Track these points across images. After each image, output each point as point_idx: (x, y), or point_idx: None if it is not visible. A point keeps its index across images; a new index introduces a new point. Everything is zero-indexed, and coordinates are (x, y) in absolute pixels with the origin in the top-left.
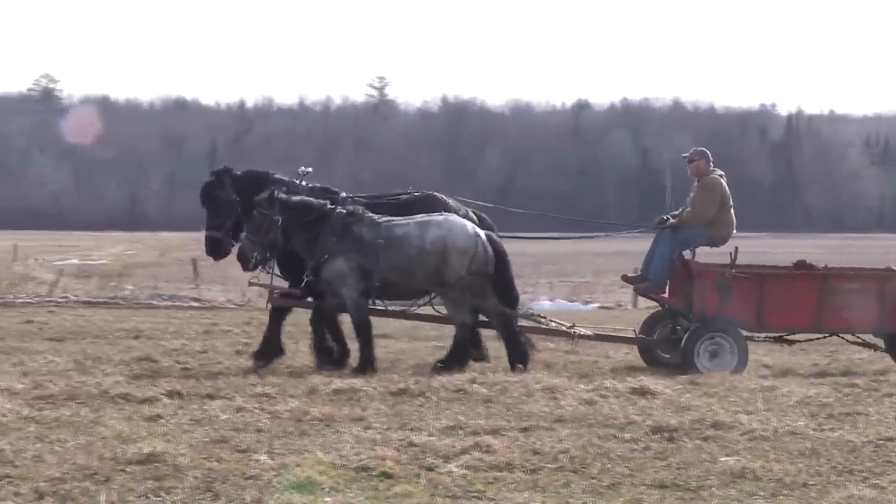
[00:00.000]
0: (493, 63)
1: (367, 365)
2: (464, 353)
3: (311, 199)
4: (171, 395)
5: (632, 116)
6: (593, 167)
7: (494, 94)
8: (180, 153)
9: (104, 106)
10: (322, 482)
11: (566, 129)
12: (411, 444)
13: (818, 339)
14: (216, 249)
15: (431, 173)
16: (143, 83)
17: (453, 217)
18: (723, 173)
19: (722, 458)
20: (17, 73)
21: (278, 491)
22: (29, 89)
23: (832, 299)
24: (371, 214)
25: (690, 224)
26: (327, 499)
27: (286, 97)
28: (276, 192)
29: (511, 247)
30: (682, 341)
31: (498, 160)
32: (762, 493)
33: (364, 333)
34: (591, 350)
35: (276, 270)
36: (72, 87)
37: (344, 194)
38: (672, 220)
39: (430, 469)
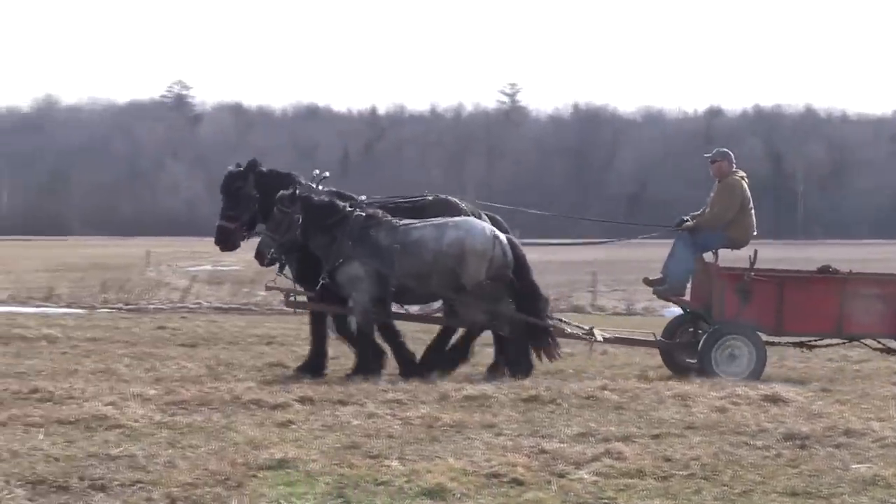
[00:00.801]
0: (625, 69)
1: (365, 370)
2: (466, 354)
3: (334, 200)
4: (302, 400)
5: (764, 123)
6: None
7: (626, 100)
8: (312, 160)
9: (237, 113)
10: (453, 489)
11: (698, 136)
12: (542, 451)
13: (839, 344)
14: (225, 239)
15: (561, 180)
16: (276, 90)
17: (472, 219)
18: (745, 175)
19: (854, 466)
20: (151, 80)
21: (409, 497)
22: (162, 96)
23: (853, 304)
24: (390, 218)
25: (709, 225)
26: None
27: (418, 104)
28: (298, 191)
29: (571, 255)
30: (700, 344)
31: (629, 167)
32: (894, 501)
33: (364, 340)
34: None
35: (291, 274)
36: (205, 94)
37: (363, 198)
38: (690, 222)
39: (560, 476)
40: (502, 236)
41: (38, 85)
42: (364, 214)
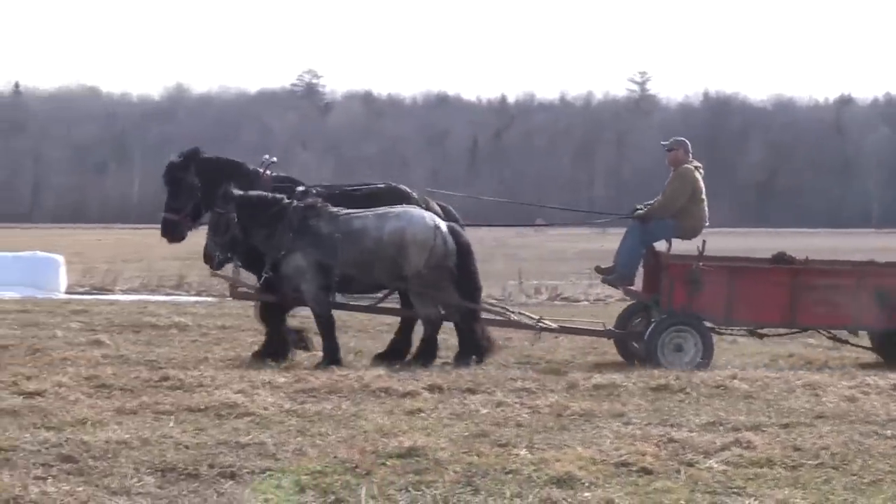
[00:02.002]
0: (755, 57)
1: (332, 359)
2: (433, 347)
3: (267, 193)
4: (431, 389)
5: (895, 111)
6: (856, 163)
7: (756, 88)
8: (442, 148)
9: (367, 101)
10: (581, 477)
11: (829, 124)
12: (671, 440)
13: (790, 333)
14: (171, 232)
15: None
16: (406, 79)
17: (413, 209)
18: (700, 165)
19: None
20: (282, 69)
21: (537, 486)
22: (293, 85)
23: (805, 294)
24: (330, 208)
25: (658, 214)
26: (587, 494)
27: (548, 92)
28: (230, 190)
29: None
30: (646, 333)
31: (759, 155)
32: None
33: (326, 328)
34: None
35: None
36: (335, 83)
37: (303, 187)
38: (641, 210)
39: (689, 465)
40: (444, 225)
41: (169, 74)
42: (303, 205)
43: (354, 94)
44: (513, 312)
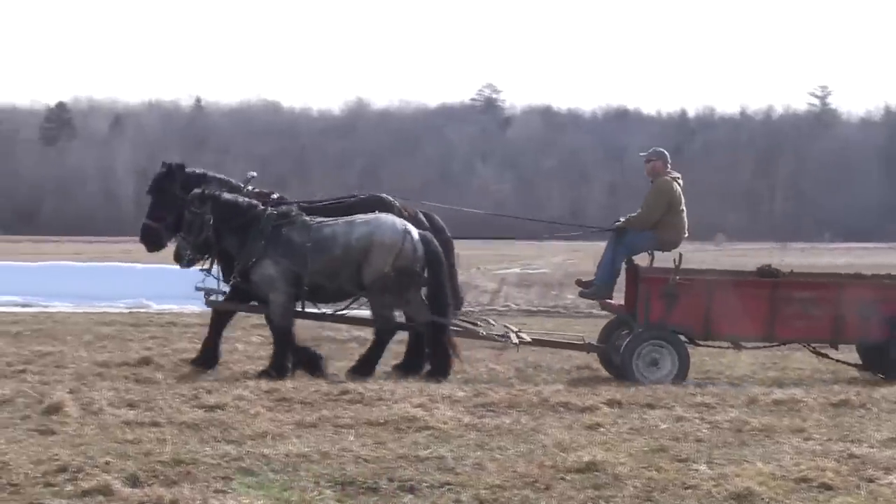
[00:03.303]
0: None
1: (279, 370)
2: (378, 355)
3: (243, 199)
4: (610, 403)
5: None
6: None
7: None
8: (621, 163)
9: (546, 115)
10: (761, 493)
11: None
12: (852, 456)
13: (770, 346)
14: (149, 239)
15: (871, 182)
16: (586, 93)
17: (383, 215)
18: (678, 176)
19: None
20: (462, 84)
21: (717, 501)
22: (472, 99)
23: (784, 308)
24: (304, 217)
25: (636, 226)
26: None
27: (728, 106)
28: (206, 191)
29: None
30: (622, 348)
31: None
32: None
33: (283, 339)
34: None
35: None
36: (514, 97)
37: (275, 195)
38: (620, 222)
39: (870, 481)
40: (415, 232)
41: (349, 89)
42: (276, 213)
43: (534, 109)
44: (481, 326)
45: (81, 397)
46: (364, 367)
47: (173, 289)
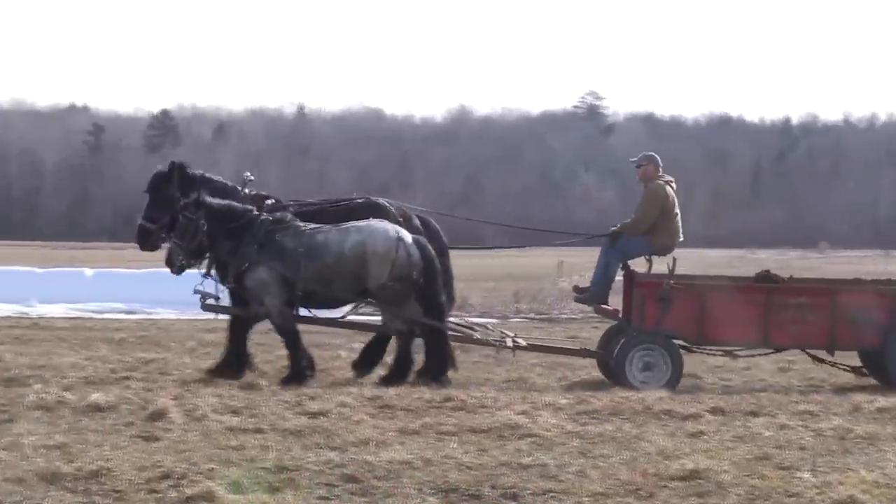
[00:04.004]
0: None
1: (299, 375)
2: (408, 363)
3: (237, 204)
4: (714, 411)
5: None
6: None
7: None
8: (724, 170)
9: (649, 123)
10: (865, 501)
11: None
12: None
13: (766, 354)
14: (143, 239)
15: None
16: (689, 100)
17: (375, 222)
18: (671, 179)
19: None
20: (564, 91)
21: None
22: (575, 106)
23: (778, 313)
24: (297, 222)
25: (629, 231)
26: None
27: (831, 113)
28: (201, 197)
29: None
30: (615, 353)
31: None
32: None
33: (292, 342)
34: None
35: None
36: (617, 104)
37: (271, 200)
38: (614, 228)
39: None
40: (408, 238)
41: (452, 96)
42: (271, 218)
43: (636, 115)
44: (477, 331)
45: (185, 404)
46: (399, 374)
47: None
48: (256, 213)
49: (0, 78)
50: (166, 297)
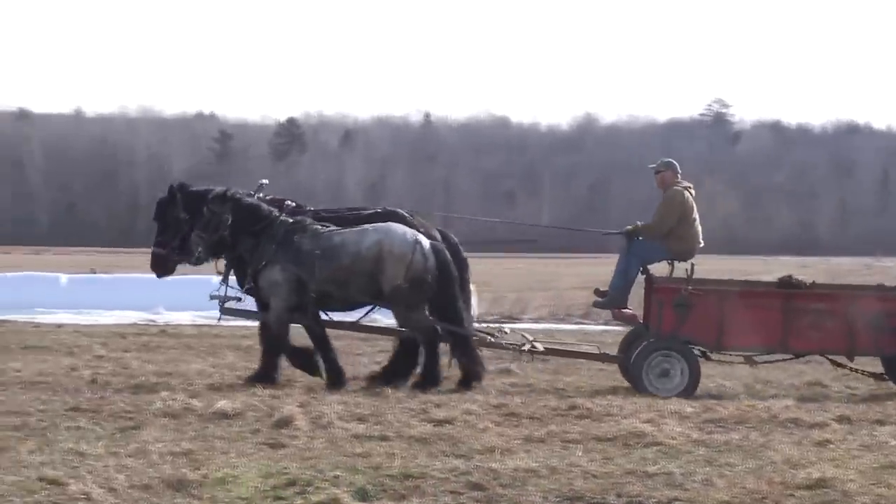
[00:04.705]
0: None
1: (265, 378)
2: (437, 364)
3: (263, 204)
4: (840, 420)
5: None
6: None
7: None
8: (851, 178)
9: (776, 130)
10: None
11: None
12: None
13: (786, 360)
14: (158, 265)
15: None
16: (816, 107)
17: (392, 224)
18: (690, 185)
19: None
20: (690, 99)
21: None
22: (701, 114)
23: (798, 319)
24: (316, 225)
25: (646, 235)
26: None
27: None
28: (228, 191)
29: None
30: (631, 358)
31: None
32: None
33: (275, 347)
34: None
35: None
36: (744, 112)
37: (290, 203)
38: (629, 228)
39: None
40: (425, 241)
41: (578, 104)
42: (290, 220)
43: (763, 123)
44: (495, 336)
45: (311, 411)
46: (429, 378)
47: None
48: (277, 214)
49: (128, 86)
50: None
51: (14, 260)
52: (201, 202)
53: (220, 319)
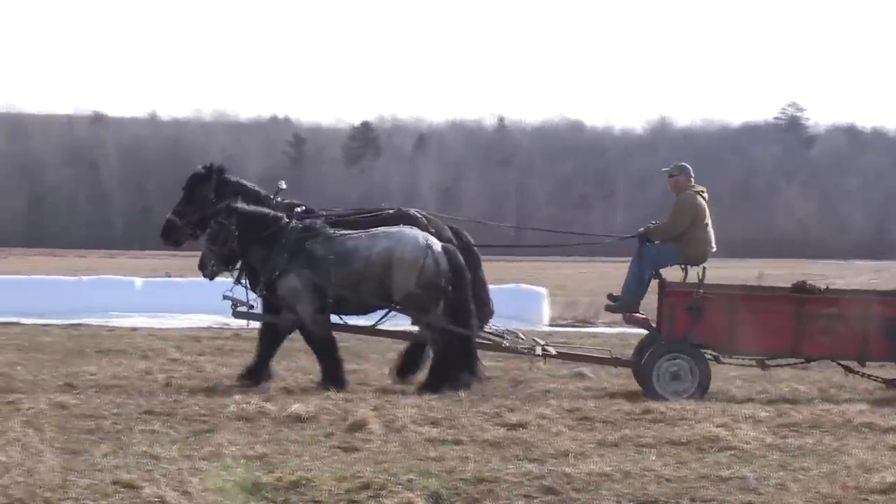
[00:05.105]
0: None
1: (335, 382)
2: (446, 367)
3: (268, 211)
4: None
5: None
6: None
7: None
8: None
9: (850, 134)
10: None
11: None
12: None
13: (797, 364)
14: (167, 233)
15: None
16: (891, 111)
17: (405, 229)
18: (703, 189)
19: None
20: (765, 102)
21: None
22: (775, 118)
23: (811, 323)
24: (328, 229)
25: (657, 237)
26: None
27: None
28: (234, 204)
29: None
30: (642, 362)
31: None
32: None
33: (326, 350)
34: None
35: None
36: (818, 116)
37: (302, 208)
38: (641, 230)
39: None
40: (437, 245)
41: (652, 107)
42: (301, 226)
43: (838, 127)
44: (506, 339)
45: (385, 414)
46: (436, 380)
47: None
48: (287, 220)
49: (203, 90)
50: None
51: (89, 263)
52: (231, 193)
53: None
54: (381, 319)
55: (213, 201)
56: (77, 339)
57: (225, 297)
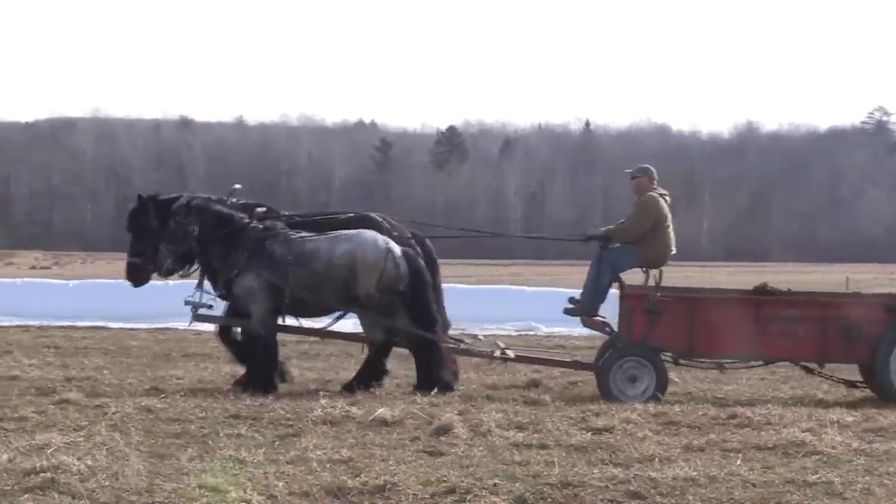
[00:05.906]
0: None
1: (266, 385)
2: (375, 372)
3: (228, 210)
4: None
5: None
6: None
7: None
8: None
9: None
10: None
11: None
12: None
13: (757, 366)
14: (134, 275)
15: None
16: None
17: (366, 232)
18: (665, 192)
19: None
20: (853, 106)
21: None
22: (863, 122)
23: (768, 326)
24: (287, 231)
25: (616, 239)
26: None
27: None
28: (192, 202)
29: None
30: (599, 364)
31: None
32: None
33: (267, 353)
34: None
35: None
36: None
37: (261, 209)
38: (595, 231)
39: None
40: (397, 249)
41: (739, 111)
42: (261, 226)
43: None
44: (468, 342)
45: (470, 419)
46: (360, 382)
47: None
48: (247, 220)
49: (290, 95)
50: (459, 314)
51: None
52: (169, 209)
53: (190, 324)
54: (332, 322)
55: (158, 227)
56: (164, 343)
57: (187, 303)
